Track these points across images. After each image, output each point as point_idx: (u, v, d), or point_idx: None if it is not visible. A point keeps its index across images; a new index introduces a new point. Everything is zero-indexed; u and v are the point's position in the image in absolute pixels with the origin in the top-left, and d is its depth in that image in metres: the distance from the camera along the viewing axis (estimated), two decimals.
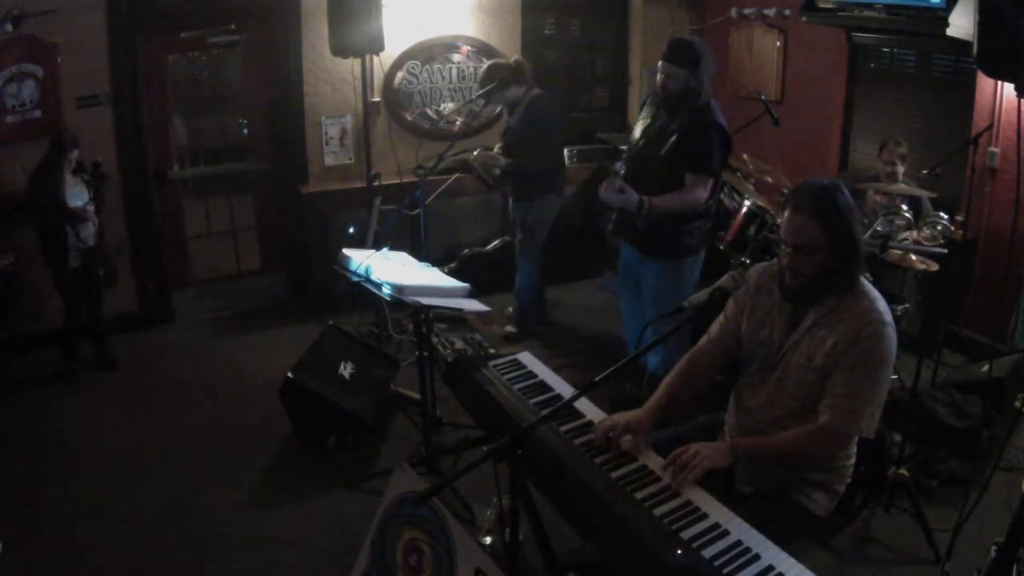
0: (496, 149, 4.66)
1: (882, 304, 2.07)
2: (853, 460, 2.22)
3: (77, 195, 4.15)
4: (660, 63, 3.35)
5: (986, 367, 3.60)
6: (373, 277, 3.11)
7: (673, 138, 3.34)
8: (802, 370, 2.11)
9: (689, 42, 3.37)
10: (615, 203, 3.44)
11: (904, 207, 3.91)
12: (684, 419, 2.44)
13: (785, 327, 2.18)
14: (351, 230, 4.70)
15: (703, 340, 2.39)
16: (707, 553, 1.69)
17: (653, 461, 2.05)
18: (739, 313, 2.31)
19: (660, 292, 3.55)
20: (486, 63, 4.80)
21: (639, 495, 1.88)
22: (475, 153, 4.57)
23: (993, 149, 4.24)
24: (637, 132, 3.61)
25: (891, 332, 2.04)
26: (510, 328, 4.90)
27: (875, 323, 2.02)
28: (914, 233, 3.87)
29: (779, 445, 2.09)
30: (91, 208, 4.18)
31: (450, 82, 5.54)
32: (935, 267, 3.66)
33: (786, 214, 2.09)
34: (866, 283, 2.13)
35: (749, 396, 2.26)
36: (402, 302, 3.11)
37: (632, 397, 3.52)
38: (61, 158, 4.08)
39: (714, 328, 2.37)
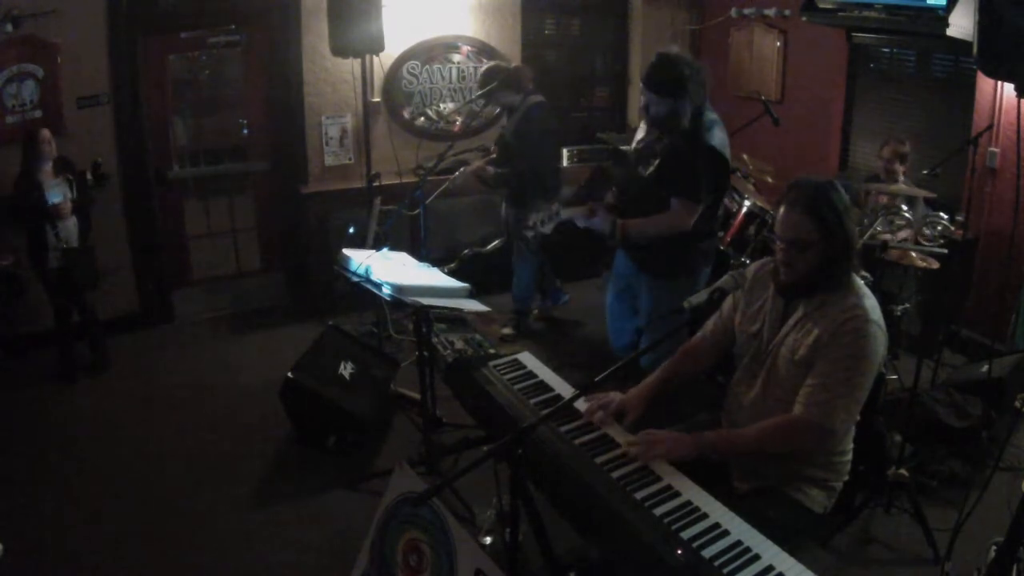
0: (491, 148, 4.67)
1: (870, 302, 2.07)
2: (850, 457, 2.21)
3: (56, 193, 4.11)
4: (641, 86, 3.01)
5: (986, 367, 3.59)
6: (373, 277, 3.11)
7: (657, 160, 3.07)
8: (788, 363, 2.11)
9: (673, 65, 2.93)
10: (589, 226, 3.23)
11: (904, 207, 3.91)
12: (684, 418, 2.44)
13: (776, 321, 2.20)
14: (351, 230, 4.69)
15: (700, 333, 2.43)
16: (707, 553, 1.69)
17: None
18: (733, 307, 2.34)
19: (649, 313, 3.30)
20: (486, 64, 4.80)
21: (639, 495, 1.88)
22: (458, 173, 4.57)
23: (993, 149, 4.24)
24: (632, 146, 3.39)
25: (875, 330, 2.03)
26: (507, 330, 4.90)
27: (858, 319, 2.02)
28: (912, 232, 3.86)
29: (747, 437, 2.09)
30: (68, 204, 4.12)
31: (450, 82, 5.54)
32: (935, 264, 3.65)
33: (780, 210, 2.11)
34: (858, 281, 2.13)
35: (742, 392, 2.26)
36: (402, 302, 3.11)
37: None
38: (39, 159, 4.06)
39: (710, 322, 2.40)
